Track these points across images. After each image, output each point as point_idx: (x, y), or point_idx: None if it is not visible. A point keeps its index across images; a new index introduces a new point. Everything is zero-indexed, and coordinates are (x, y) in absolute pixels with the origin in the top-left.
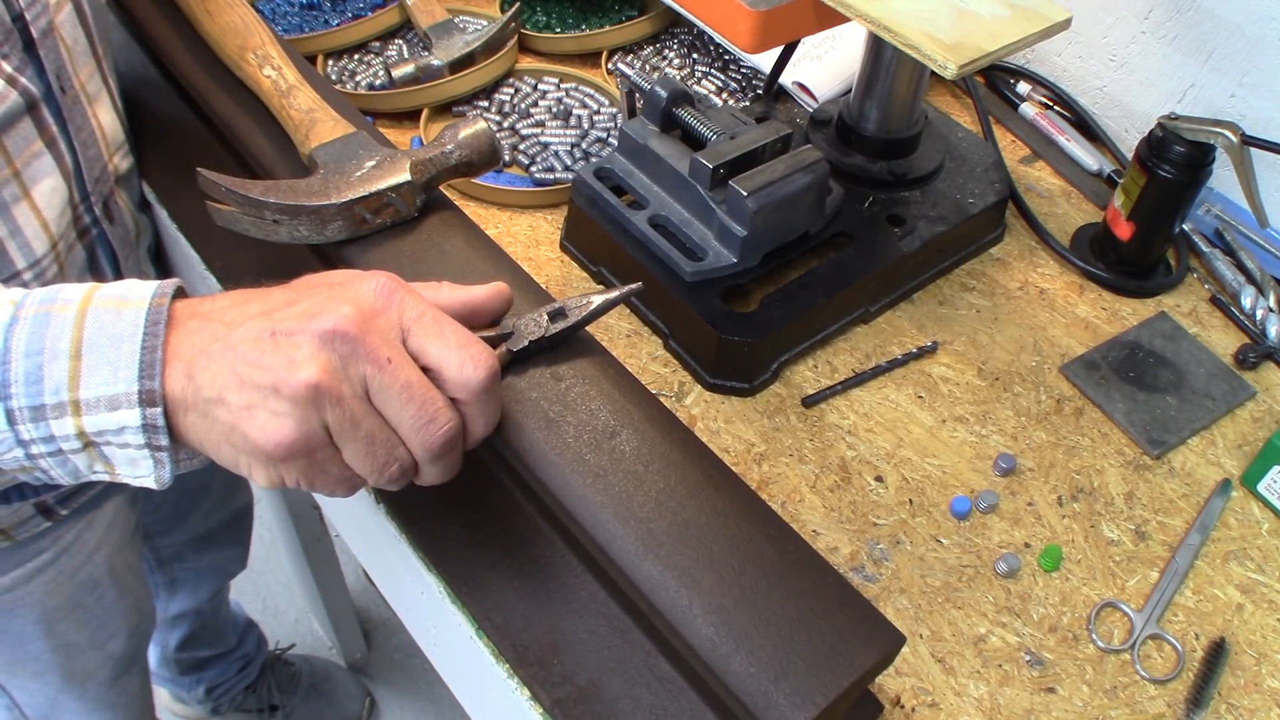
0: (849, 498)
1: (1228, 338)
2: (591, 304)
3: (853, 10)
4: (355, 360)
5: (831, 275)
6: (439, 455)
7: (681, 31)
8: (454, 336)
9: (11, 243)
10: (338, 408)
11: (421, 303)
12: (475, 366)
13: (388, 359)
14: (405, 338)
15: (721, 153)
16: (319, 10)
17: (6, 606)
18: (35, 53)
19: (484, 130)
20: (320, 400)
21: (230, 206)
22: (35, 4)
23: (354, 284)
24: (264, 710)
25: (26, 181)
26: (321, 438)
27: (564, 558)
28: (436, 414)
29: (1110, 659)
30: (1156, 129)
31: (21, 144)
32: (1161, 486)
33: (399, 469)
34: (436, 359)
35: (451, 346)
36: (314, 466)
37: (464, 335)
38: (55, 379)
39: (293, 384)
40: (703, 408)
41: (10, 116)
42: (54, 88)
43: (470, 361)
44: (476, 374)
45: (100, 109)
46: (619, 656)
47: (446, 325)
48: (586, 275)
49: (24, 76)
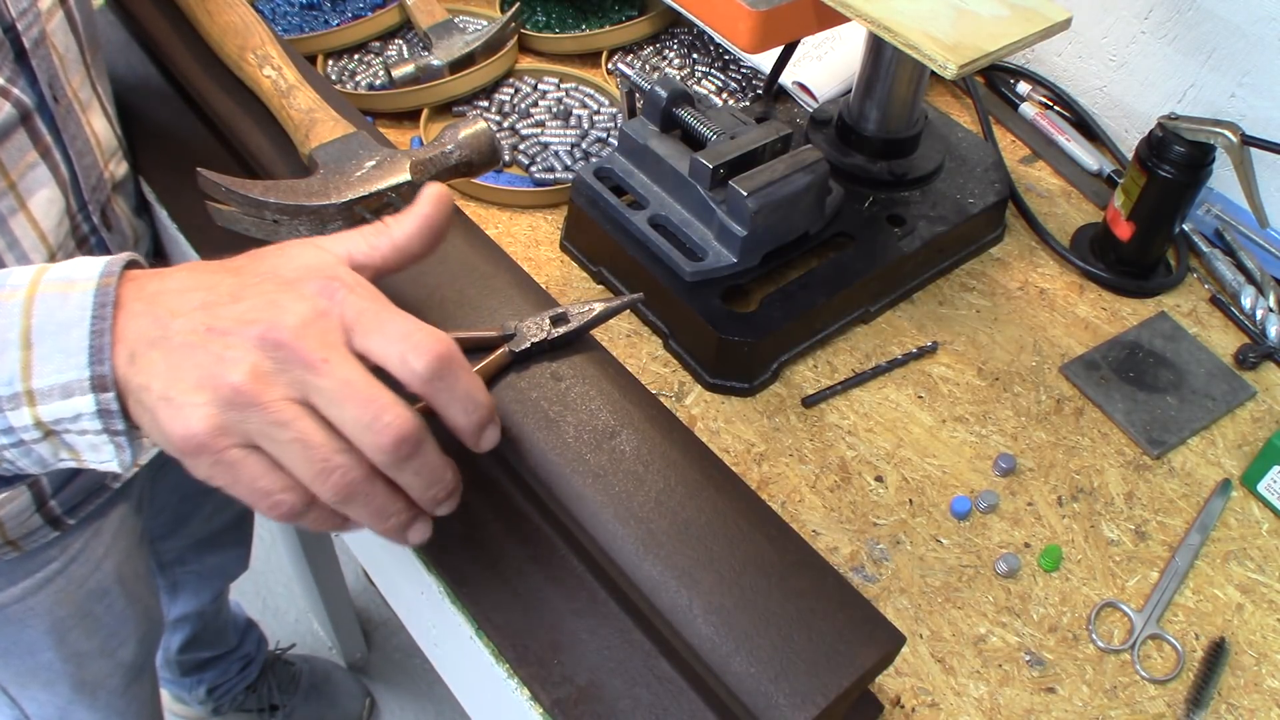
0: (849, 498)
1: (1228, 338)
2: (594, 311)
3: (853, 10)
4: (290, 365)
5: (831, 275)
6: (398, 456)
7: (681, 31)
8: (395, 327)
9: (9, 255)
10: (261, 411)
11: (363, 298)
12: (418, 353)
13: (323, 359)
14: (349, 337)
15: (721, 153)
16: (319, 10)
17: (16, 617)
18: (27, 63)
19: (484, 130)
20: (240, 402)
21: (230, 206)
22: (27, 13)
23: (299, 285)
24: (264, 710)
25: (23, 193)
26: (233, 439)
27: (564, 558)
28: (381, 410)
29: (1110, 659)
30: (1156, 129)
31: (16, 156)
32: (1161, 486)
33: (341, 476)
34: (380, 355)
35: (392, 338)
36: (226, 468)
37: (405, 325)
38: (7, 370)
39: (214, 382)
40: (703, 408)
41: (4, 129)
42: (47, 97)
43: (412, 350)
44: (419, 360)
45: (93, 116)
46: (619, 656)
47: (388, 318)
48: (586, 275)
49: (16, 88)
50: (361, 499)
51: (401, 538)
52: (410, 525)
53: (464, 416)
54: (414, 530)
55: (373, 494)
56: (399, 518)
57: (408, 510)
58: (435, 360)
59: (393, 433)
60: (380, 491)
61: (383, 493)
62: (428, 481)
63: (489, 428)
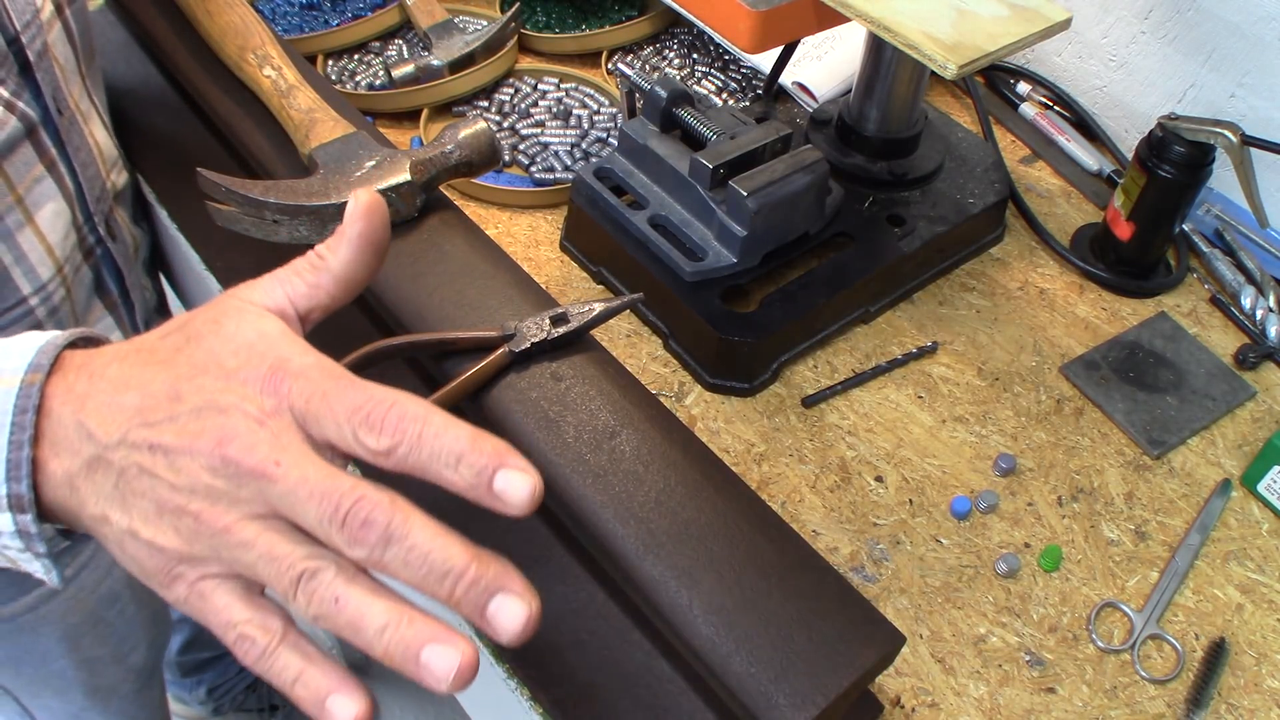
0: (849, 498)
1: (1228, 338)
2: (594, 311)
3: (853, 10)
4: (245, 479)
5: (831, 275)
6: (370, 543)
7: (681, 31)
8: (343, 406)
9: (17, 269)
10: (225, 536)
11: (312, 380)
12: (368, 427)
13: (275, 463)
14: (306, 428)
15: (721, 153)
16: (319, 10)
17: (29, 626)
18: (32, 75)
19: (484, 130)
20: (203, 531)
21: (230, 206)
22: (30, 25)
23: (241, 379)
24: (264, 710)
25: (30, 207)
26: (207, 569)
27: (564, 558)
28: (340, 498)
29: (1110, 659)
30: (1156, 129)
31: (23, 169)
32: (1161, 486)
33: (312, 581)
34: (337, 441)
35: (343, 419)
36: (198, 598)
37: (354, 399)
38: None
39: (172, 513)
40: (703, 408)
41: (10, 142)
42: (51, 110)
43: (362, 426)
44: (370, 435)
45: (94, 127)
46: (619, 656)
47: (335, 397)
48: (586, 275)
49: (21, 100)
50: (346, 607)
51: (414, 664)
52: (425, 642)
53: (452, 472)
54: (432, 649)
55: (359, 600)
56: (400, 631)
57: (416, 623)
58: (390, 430)
59: (361, 516)
60: (365, 595)
61: (369, 597)
62: (423, 568)
63: (500, 472)
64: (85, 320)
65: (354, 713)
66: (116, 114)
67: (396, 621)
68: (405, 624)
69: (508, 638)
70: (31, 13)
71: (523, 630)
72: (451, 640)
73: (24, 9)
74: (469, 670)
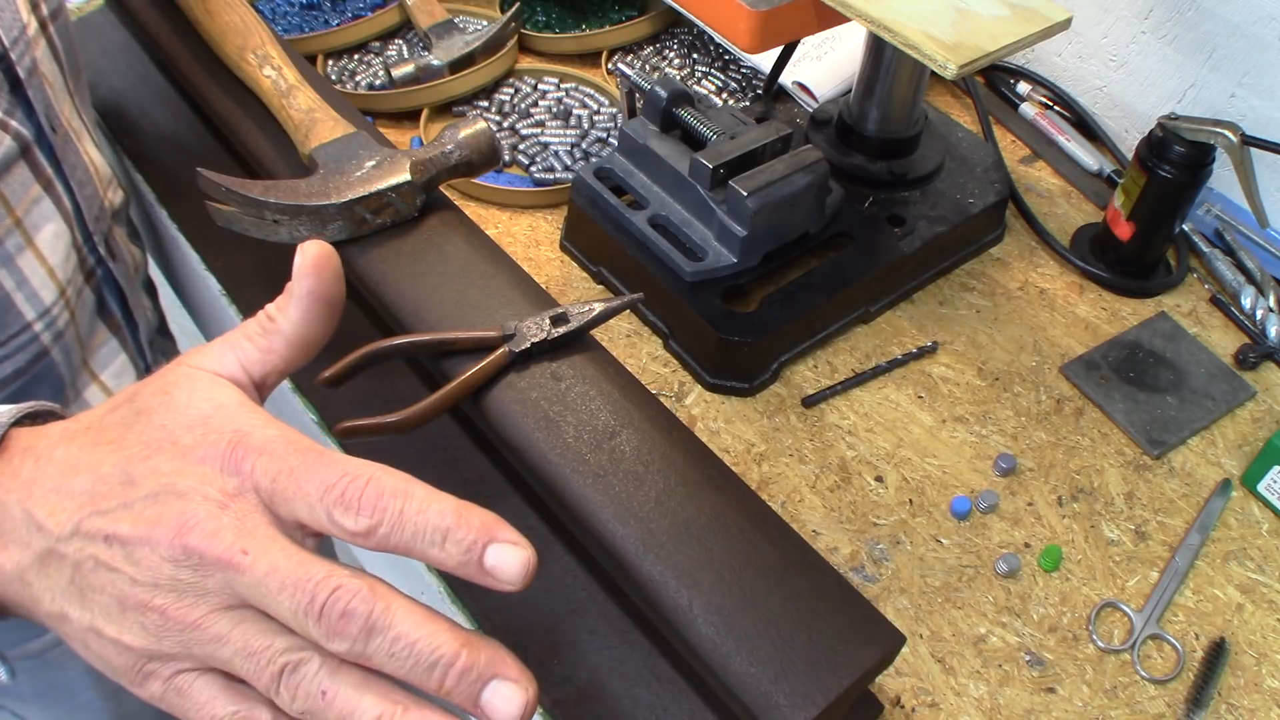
0: (849, 498)
1: (1228, 338)
2: (594, 311)
3: (853, 10)
4: (210, 570)
5: (831, 275)
6: (351, 635)
7: (681, 31)
8: (314, 485)
9: (19, 294)
10: (195, 632)
11: (275, 458)
12: (344, 508)
13: (242, 551)
14: (273, 509)
15: (721, 153)
16: (319, 10)
17: (56, 661)
18: (23, 92)
19: (484, 130)
20: (170, 627)
21: (230, 206)
22: (19, 42)
23: (198, 458)
24: None
25: (29, 229)
26: (180, 664)
27: (564, 558)
28: (315, 588)
29: (1110, 659)
30: (1156, 129)
31: (20, 191)
32: (1161, 486)
33: (296, 677)
34: (310, 522)
35: (314, 499)
36: (176, 694)
37: (325, 476)
38: None
39: (135, 608)
40: (703, 408)
41: (5, 163)
42: (45, 128)
43: (337, 506)
44: (347, 516)
45: (87, 144)
46: (619, 656)
47: (305, 476)
48: (586, 275)
49: (14, 119)
50: (335, 701)
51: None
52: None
53: (439, 550)
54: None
55: (348, 694)
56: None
57: (411, 712)
58: (368, 509)
59: (335, 610)
60: (353, 688)
61: (358, 689)
62: (410, 660)
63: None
64: (89, 344)
65: None
66: (117, 115)
67: (390, 714)
68: (400, 716)
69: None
70: (19, 29)
71: (520, 714)
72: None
73: (11, 24)
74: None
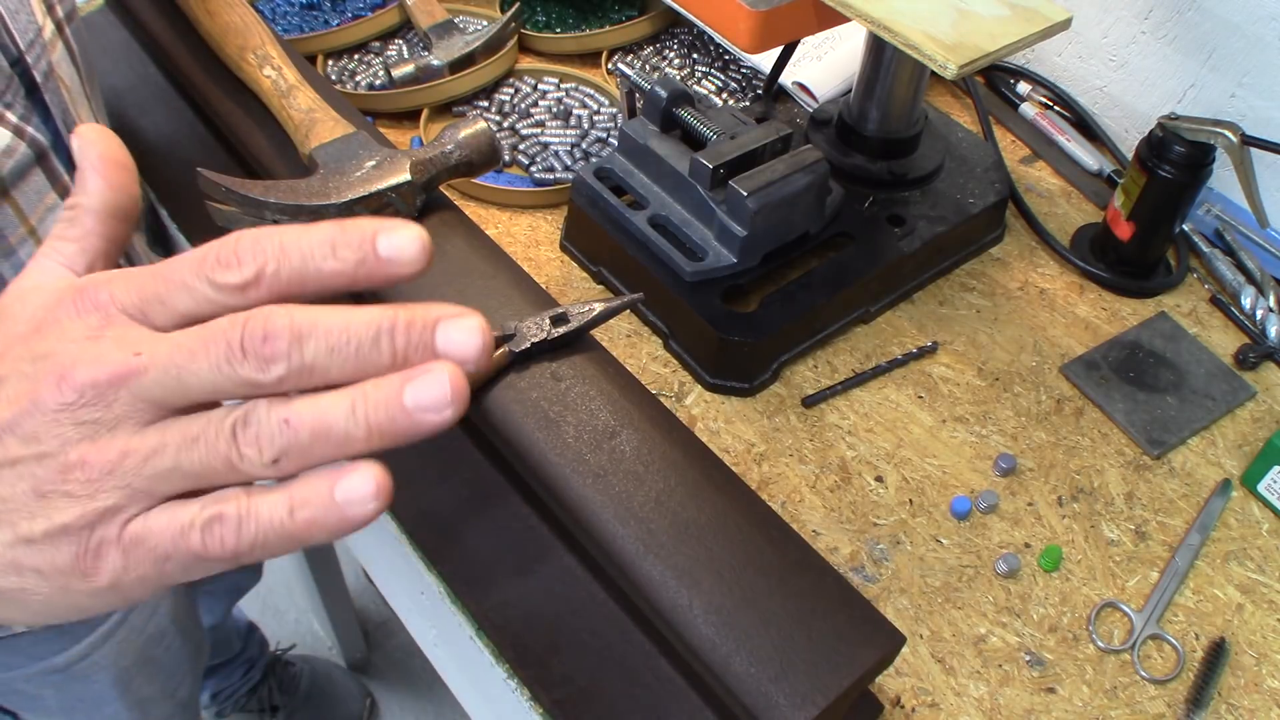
0: (849, 498)
1: (1228, 338)
2: (594, 311)
3: (853, 10)
4: (108, 395)
5: (831, 275)
6: (285, 350)
7: (681, 31)
8: (184, 270)
9: None
10: (123, 467)
11: (131, 277)
12: (226, 266)
13: (135, 354)
14: (149, 321)
15: (721, 153)
16: (319, 10)
17: (83, 674)
18: (40, 98)
19: (484, 130)
20: (90, 478)
21: (230, 206)
22: (34, 46)
23: (51, 323)
24: (265, 711)
25: (43, 238)
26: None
27: (564, 558)
28: (226, 331)
29: (1110, 659)
30: (1156, 129)
31: (34, 198)
32: (1161, 486)
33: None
34: (192, 306)
35: (190, 280)
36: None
37: (192, 258)
38: None
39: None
40: (703, 408)
41: (20, 170)
42: (62, 134)
43: (217, 268)
44: (242, 271)
45: None
46: (619, 656)
47: (171, 268)
48: (586, 275)
49: (30, 125)
50: (302, 419)
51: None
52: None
53: (332, 261)
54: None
55: (308, 406)
56: (371, 395)
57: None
58: (248, 255)
59: (256, 336)
60: (309, 399)
61: (314, 398)
62: (352, 345)
63: (380, 236)
64: None
65: (370, 481)
66: (117, 115)
67: (361, 393)
68: (370, 388)
69: (472, 355)
70: (34, 31)
71: (482, 344)
72: (424, 369)
73: (26, 27)
74: (461, 383)
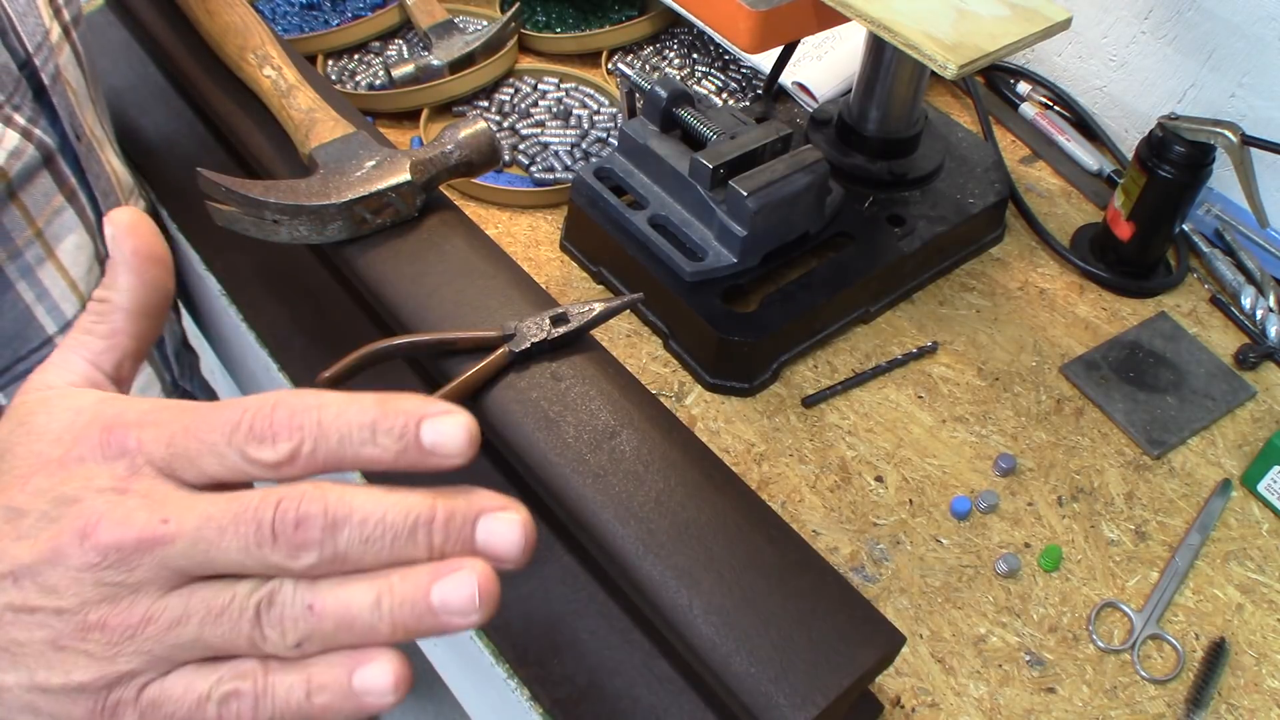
0: (849, 498)
1: (1228, 338)
2: (594, 311)
3: (853, 10)
4: (133, 560)
5: (831, 275)
6: (313, 537)
7: (681, 31)
8: (216, 432)
9: (39, 307)
10: (144, 632)
11: (159, 427)
12: (260, 440)
13: (163, 521)
14: (177, 477)
15: (721, 153)
16: (319, 10)
17: None
18: (47, 100)
19: (484, 130)
20: (115, 640)
21: (230, 206)
22: (41, 49)
23: (75, 461)
24: None
25: (50, 240)
26: (143, 676)
27: (564, 558)
28: (258, 512)
29: (1110, 659)
30: (1156, 129)
31: (42, 201)
32: (1161, 486)
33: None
34: (221, 471)
35: (221, 447)
36: (156, 712)
37: (226, 421)
38: None
39: (70, 639)
40: (703, 408)
41: (28, 172)
42: (69, 136)
43: (251, 440)
44: (276, 449)
45: (109, 154)
46: (619, 656)
47: (202, 426)
48: (586, 275)
49: (38, 128)
50: (326, 607)
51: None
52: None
53: (373, 447)
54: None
55: (335, 594)
56: (397, 589)
57: (408, 573)
58: (284, 431)
59: (288, 521)
60: (337, 585)
61: (342, 584)
62: (388, 535)
63: (425, 423)
64: None
65: (390, 674)
66: (117, 115)
67: (387, 586)
68: (398, 580)
69: (514, 555)
70: (42, 34)
71: (525, 540)
72: (454, 565)
73: (34, 30)
74: (491, 586)
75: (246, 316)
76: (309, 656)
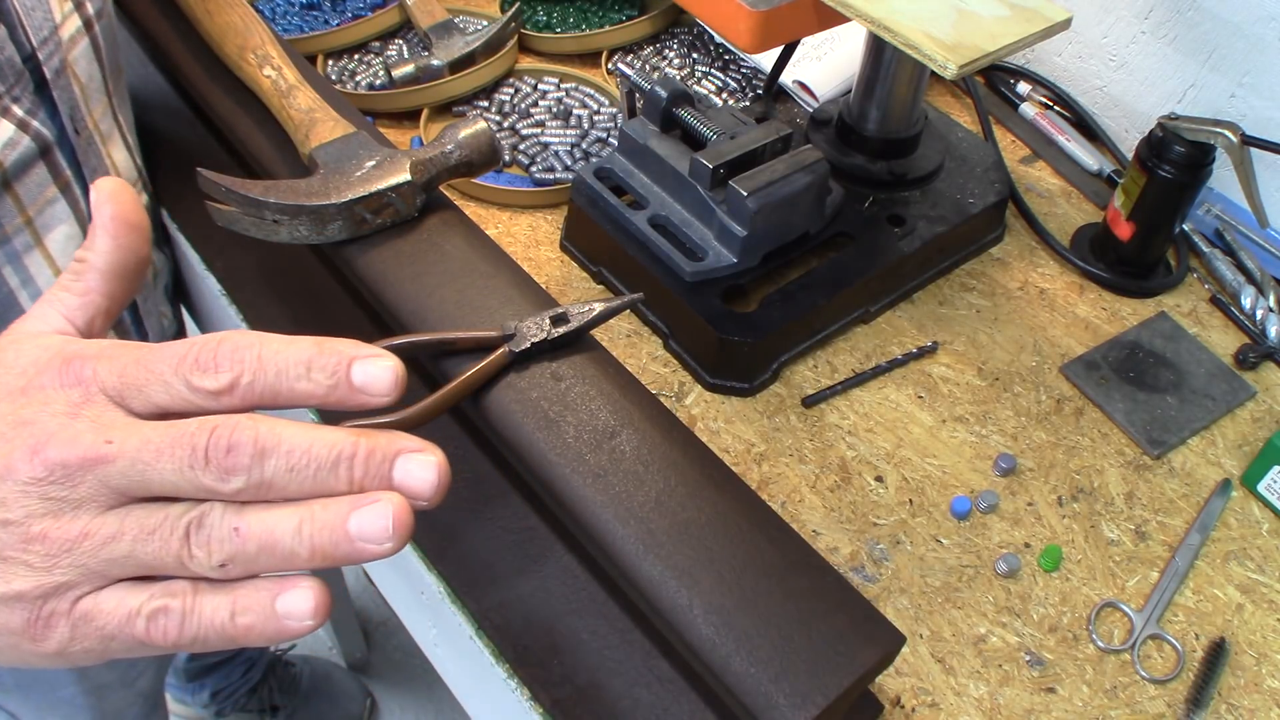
0: (849, 498)
1: (1228, 338)
2: (594, 311)
3: (853, 10)
4: (76, 476)
5: (831, 275)
6: (246, 464)
7: (681, 31)
8: (164, 364)
9: (23, 293)
10: (82, 546)
11: (114, 360)
12: (204, 370)
13: (106, 442)
14: (126, 405)
15: (721, 153)
16: (319, 10)
17: None
18: (48, 93)
19: (484, 130)
20: (54, 552)
21: (230, 206)
22: (47, 43)
23: (35, 389)
24: (265, 711)
25: (40, 229)
26: (78, 589)
27: (564, 558)
28: (193, 437)
29: (1110, 659)
30: (1156, 129)
31: (34, 191)
32: (1161, 486)
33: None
34: (168, 401)
35: (168, 377)
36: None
37: (173, 354)
38: None
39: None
40: (703, 408)
41: (23, 163)
42: (68, 129)
43: (195, 370)
44: (218, 378)
45: (114, 148)
46: (619, 656)
47: (152, 359)
48: (586, 275)
49: (36, 120)
50: (251, 530)
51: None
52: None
53: (306, 382)
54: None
55: (259, 518)
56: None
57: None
58: (226, 362)
59: (220, 446)
60: (262, 510)
61: (267, 510)
62: (311, 466)
63: (355, 364)
64: None
65: (310, 600)
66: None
67: (309, 513)
68: (319, 509)
69: (427, 493)
70: (50, 28)
71: (438, 481)
72: (372, 498)
73: (41, 24)
74: (406, 517)
75: (246, 316)
76: (234, 579)
